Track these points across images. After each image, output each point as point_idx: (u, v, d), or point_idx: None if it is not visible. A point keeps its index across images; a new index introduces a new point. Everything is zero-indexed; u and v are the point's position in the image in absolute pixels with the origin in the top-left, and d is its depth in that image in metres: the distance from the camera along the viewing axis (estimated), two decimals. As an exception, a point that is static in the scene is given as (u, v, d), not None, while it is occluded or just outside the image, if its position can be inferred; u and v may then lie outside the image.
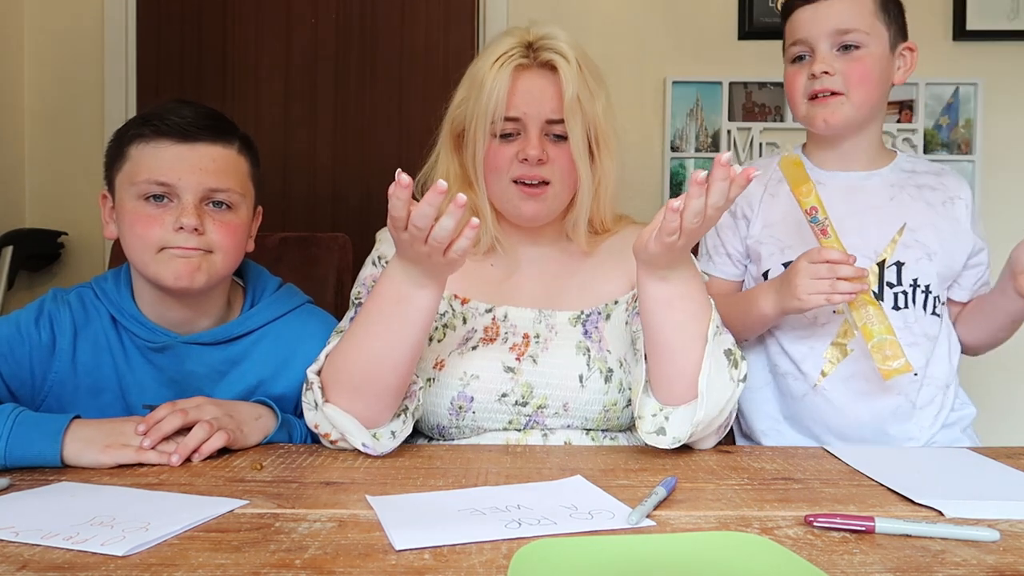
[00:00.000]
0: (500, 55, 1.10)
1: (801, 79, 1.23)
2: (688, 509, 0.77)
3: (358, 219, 2.44)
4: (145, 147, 1.05)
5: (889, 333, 1.08)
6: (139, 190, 1.04)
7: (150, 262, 1.05)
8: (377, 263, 1.19)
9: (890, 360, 1.08)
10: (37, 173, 2.46)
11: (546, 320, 1.14)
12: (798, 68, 1.24)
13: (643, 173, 2.43)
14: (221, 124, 1.09)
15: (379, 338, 0.96)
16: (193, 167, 1.04)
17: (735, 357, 1.00)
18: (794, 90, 1.25)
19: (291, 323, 1.17)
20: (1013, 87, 2.38)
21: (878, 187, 1.27)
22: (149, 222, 1.04)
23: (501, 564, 0.62)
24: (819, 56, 1.20)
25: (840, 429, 1.24)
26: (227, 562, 0.63)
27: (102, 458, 0.92)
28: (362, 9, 2.49)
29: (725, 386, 0.98)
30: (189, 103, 1.08)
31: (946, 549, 0.67)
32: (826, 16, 1.20)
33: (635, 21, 2.41)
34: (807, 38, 1.21)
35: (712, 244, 1.37)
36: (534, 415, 1.10)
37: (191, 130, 1.05)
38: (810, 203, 1.11)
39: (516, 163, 1.10)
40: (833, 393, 1.23)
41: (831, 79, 1.20)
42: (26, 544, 0.66)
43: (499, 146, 1.11)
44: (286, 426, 1.08)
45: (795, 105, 1.27)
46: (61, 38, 2.45)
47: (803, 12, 1.22)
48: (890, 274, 1.23)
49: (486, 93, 1.09)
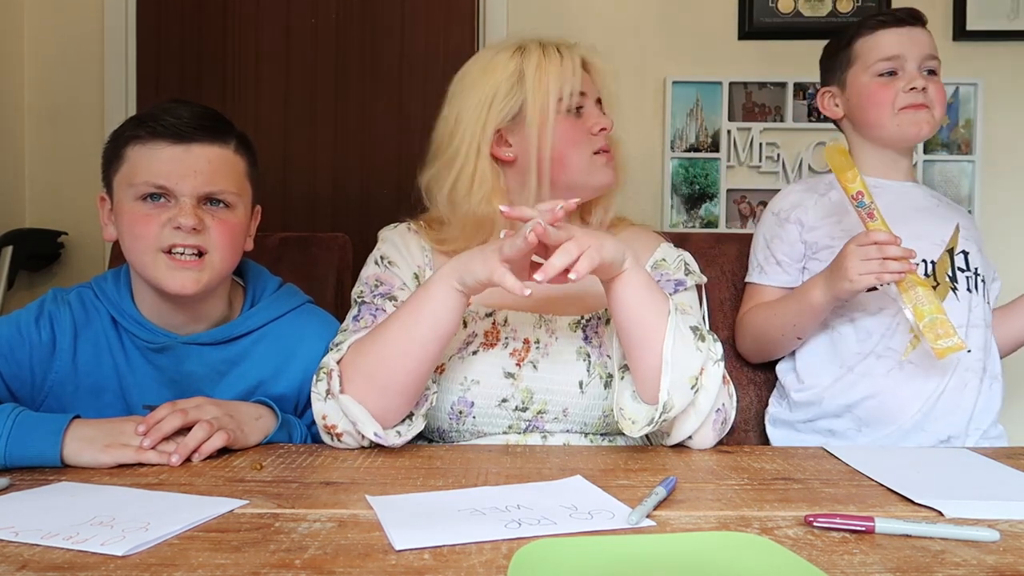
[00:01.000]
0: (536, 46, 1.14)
1: (892, 92, 1.31)
2: (688, 509, 0.77)
3: (358, 219, 2.44)
4: (141, 149, 1.05)
5: (940, 312, 1.12)
6: (136, 191, 1.05)
7: (149, 264, 1.05)
8: (380, 263, 1.19)
9: (942, 339, 1.11)
10: (37, 173, 2.46)
11: (546, 325, 1.14)
12: (887, 82, 1.32)
13: (643, 173, 2.43)
14: (217, 124, 1.09)
15: (414, 340, 0.98)
16: (189, 169, 1.04)
17: (701, 332, 1.01)
18: (884, 101, 1.32)
19: (291, 323, 1.16)
20: (1013, 87, 2.37)
21: (921, 195, 1.38)
22: (147, 222, 1.04)
23: (501, 564, 0.62)
24: (913, 73, 1.31)
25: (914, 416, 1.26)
26: (227, 562, 0.62)
27: (102, 458, 0.92)
28: (362, 9, 2.49)
29: (692, 355, 0.99)
30: (186, 103, 1.08)
31: (946, 549, 0.67)
32: (918, 40, 1.33)
33: (635, 21, 2.41)
34: (901, 55, 1.32)
35: (763, 256, 1.41)
36: (534, 420, 1.10)
37: (187, 131, 1.05)
38: (856, 188, 1.16)
39: (593, 137, 1.14)
40: (917, 369, 1.25)
41: (925, 95, 1.29)
42: (26, 544, 0.66)
43: (574, 120, 1.14)
44: (286, 426, 1.08)
45: (882, 116, 1.33)
46: (61, 38, 2.45)
47: (894, 33, 1.33)
48: (959, 260, 1.31)
49: (555, 71, 1.11)
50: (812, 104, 2.40)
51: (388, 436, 0.99)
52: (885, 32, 1.32)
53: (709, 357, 1.00)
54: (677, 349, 0.98)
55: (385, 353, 0.99)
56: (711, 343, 1.02)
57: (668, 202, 2.44)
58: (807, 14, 2.39)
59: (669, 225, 2.44)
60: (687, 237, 1.57)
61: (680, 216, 2.45)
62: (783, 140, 2.41)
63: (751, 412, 1.47)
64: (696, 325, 1.02)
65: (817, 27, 2.35)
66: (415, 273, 1.18)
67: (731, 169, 2.43)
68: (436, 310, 0.99)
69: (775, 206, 1.43)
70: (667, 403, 0.97)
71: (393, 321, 1.02)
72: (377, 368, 0.99)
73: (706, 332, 1.03)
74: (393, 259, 1.18)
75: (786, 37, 2.38)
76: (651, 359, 0.99)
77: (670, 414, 0.98)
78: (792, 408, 1.37)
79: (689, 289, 1.16)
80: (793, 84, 2.37)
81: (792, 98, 2.39)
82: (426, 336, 0.99)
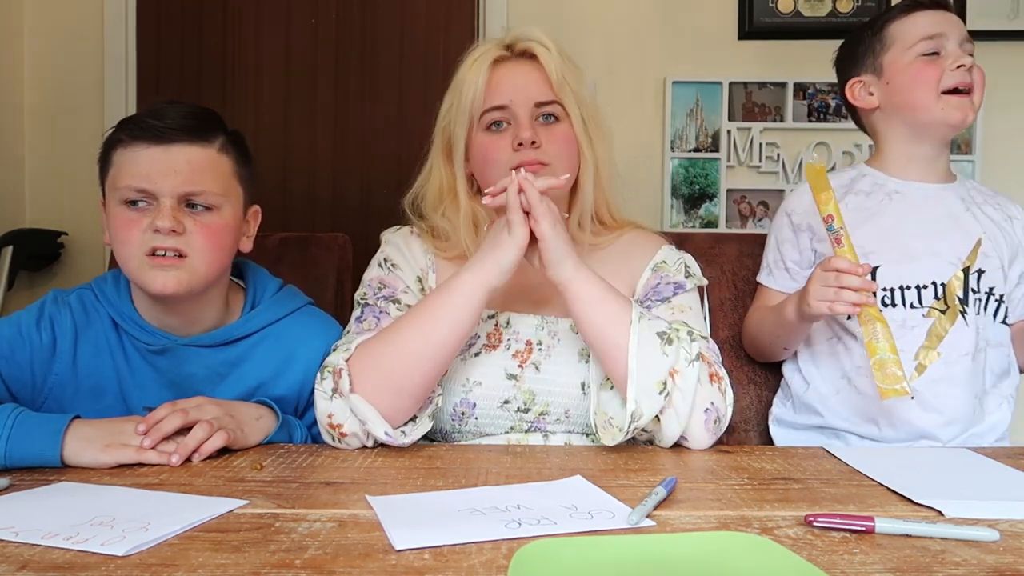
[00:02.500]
0: (477, 56, 1.14)
1: (938, 71, 1.25)
2: (688, 509, 0.77)
3: (358, 219, 2.44)
4: (124, 152, 1.05)
5: (893, 352, 1.08)
6: (121, 195, 1.04)
7: (135, 269, 1.04)
8: (383, 265, 1.19)
9: (890, 380, 1.08)
10: (37, 173, 2.46)
11: (548, 327, 1.14)
12: (931, 61, 1.26)
13: (643, 173, 2.43)
14: (201, 123, 1.07)
15: (434, 342, 1.00)
16: (167, 169, 1.03)
17: (669, 336, 1.01)
18: (930, 80, 1.26)
19: (292, 325, 1.16)
20: (1013, 87, 2.38)
21: (953, 199, 1.31)
22: (130, 226, 1.03)
23: (501, 564, 0.62)
24: (957, 52, 1.25)
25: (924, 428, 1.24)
26: (227, 562, 0.62)
27: (102, 458, 0.92)
28: (362, 9, 2.49)
29: (657, 361, 0.99)
30: (176, 104, 1.07)
31: (946, 549, 0.67)
32: (956, 22, 1.28)
33: (635, 21, 2.41)
34: (944, 33, 1.26)
35: (773, 259, 1.39)
36: (536, 421, 1.10)
37: (166, 132, 1.03)
38: (828, 211, 1.12)
39: (511, 152, 1.10)
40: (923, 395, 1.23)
41: (970, 73, 1.25)
42: (26, 544, 0.66)
43: (491, 138, 1.12)
44: (286, 426, 1.08)
45: (928, 97, 1.26)
46: (61, 38, 2.45)
47: (931, 15, 1.28)
48: (972, 281, 1.26)
49: (466, 87, 1.12)
50: (812, 104, 2.40)
51: (396, 436, 0.99)
52: (922, 13, 1.28)
53: (681, 358, 1.00)
54: (642, 357, 0.98)
55: (401, 354, 1.00)
56: (683, 344, 1.00)
57: (668, 202, 2.44)
58: (807, 14, 2.39)
59: (669, 225, 2.44)
60: (687, 237, 1.56)
61: (680, 216, 2.45)
62: (783, 140, 2.41)
63: (752, 412, 1.46)
64: (664, 330, 1.01)
65: (817, 27, 2.35)
66: (418, 276, 1.18)
67: (731, 169, 2.44)
68: (460, 310, 1.00)
69: (788, 206, 1.39)
70: (635, 411, 0.97)
71: (411, 322, 1.02)
72: (392, 369, 0.99)
73: (678, 335, 1.01)
74: (396, 262, 1.18)
75: (786, 37, 2.38)
76: (619, 370, 1.00)
77: (640, 422, 0.98)
78: (796, 410, 1.36)
79: (689, 291, 1.16)
80: (793, 84, 2.38)
81: (792, 98, 2.40)
82: (447, 338, 1.00)
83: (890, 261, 1.25)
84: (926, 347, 1.23)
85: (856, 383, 1.28)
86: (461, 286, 1.01)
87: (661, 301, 1.13)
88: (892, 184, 1.31)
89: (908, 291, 1.25)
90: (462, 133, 1.14)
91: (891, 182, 1.31)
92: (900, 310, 1.25)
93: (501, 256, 1.00)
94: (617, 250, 1.20)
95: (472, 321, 1.02)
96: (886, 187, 1.31)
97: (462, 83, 1.13)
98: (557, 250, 1.00)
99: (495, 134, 1.12)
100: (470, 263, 1.03)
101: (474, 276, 1.01)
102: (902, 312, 1.24)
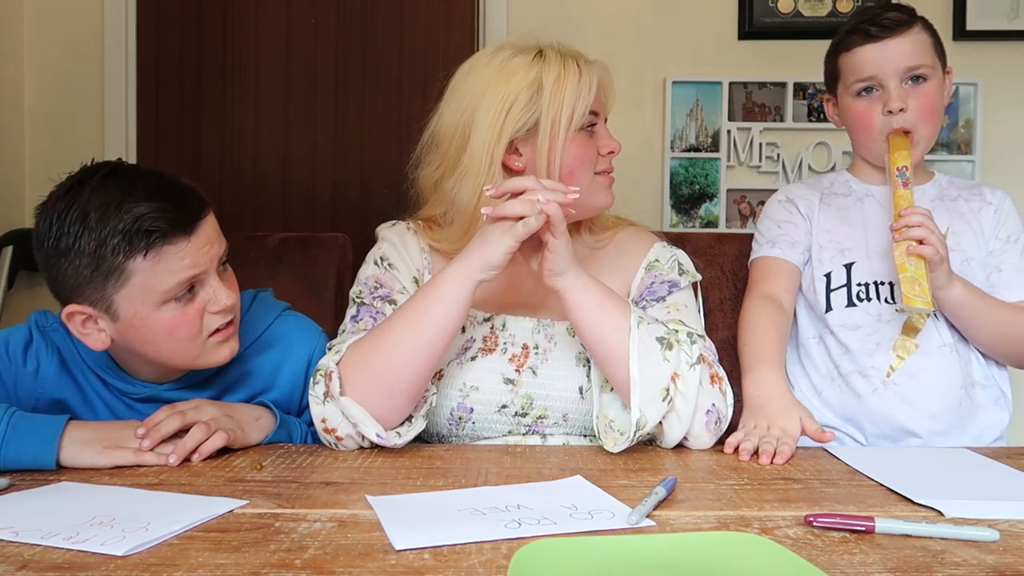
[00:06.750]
0: (556, 56, 1.10)
1: (876, 115, 1.26)
2: (688, 509, 0.77)
3: (358, 219, 2.44)
4: (155, 255, 0.95)
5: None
6: (164, 296, 0.96)
7: (192, 354, 1.01)
8: (380, 263, 1.18)
9: (917, 293, 1.10)
10: (37, 173, 2.46)
11: (545, 330, 1.14)
12: (869, 102, 1.27)
13: (643, 173, 2.43)
14: (184, 205, 0.98)
15: (423, 338, 0.99)
16: (200, 246, 0.98)
17: (669, 340, 1.01)
18: (869, 126, 1.28)
19: (273, 336, 1.14)
20: (1013, 87, 2.38)
21: (924, 198, 1.32)
22: (186, 320, 0.98)
23: (501, 564, 0.62)
24: (893, 94, 1.24)
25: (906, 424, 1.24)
26: (227, 562, 0.63)
27: (100, 460, 0.92)
28: (362, 9, 2.49)
29: (659, 367, 0.99)
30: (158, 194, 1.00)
31: (946, 549, 0.67)
32: (896, 53, 1.24)
33: (635, 21, 2.41)
34: (876, 75, 1.25)
35: (775, 234, 1.37)
36: (534, 425, 1.10)
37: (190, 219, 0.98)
38: (904, 163, 1.20)
39: (600, 157, 1.13)
40: (905, 388, 1.24)
41: (906, 116, 1.24)
42: (26, 544, 0.66)
43: (586, 139, 1.12)
44: (285, 426, 1.08)
45: (870, 140, 1.29)
46: (61, 38, 2.45)
47: (871, 50, 1.26)
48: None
49: (573, 86, 1.08)
50: (812, 104, 2.40)
51: (389, 437, 0.99)
52: (861, 50, 1.26)
53: (682, 363, 1.00)
54: (643, 364, 0.98)
55: (391, 352, 0.99)
56: (684, 348, 1.01)
57: (668, 202, 2.44)
58: (807, 14, 2.39)
59: (669, 225, 2.44)
60: (687, 237, 1.56)
61: (680, 216, 2.45)
62: (783, 140, 2.41)
63: (751, 412, 1.46)
64: (663, 335, 1.01)
65: (817, 27, 2.35)
66: (414, 277, 1.17)
67: (731, 169, 2.44)
68: (448, 305, 1.00)
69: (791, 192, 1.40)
70: (640, 419, 0.97)
71: (399, 321, 1.01)
72: (382, 369, 0.99)
73: (678, 338, 1.01)
74: (393, 261, 1.17)
75: (786, 37, 2.38)
76: (620, 375, 1.00)
77: (645, 429, 0.98)
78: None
79: (684, 289, 1.16)
80: (793, 84, 2.38)
81: (792, 98, 2.40)
82: (435, 334, 1.00)
83: (863, 258, 1.30)
84: (903, 339, 1.26)
85: (838, 383, 1.29)
86: (448, 278, 1.01)
87: (656, 301, 1.13)
88: (864, 188, 1.36)
89: (882, 286, 1.28)
90: (561, 131, 1.08)
91: (863, 187, 1.36)
92: (876, 304, 1.28)
93: (489, 252, 0.99)
94: (611, 251, 1.20)
95: (460, 315, 1.01)
96: (858, 192, 1.36)
97: (562, 80, 1.08)
98: (564, 260, 1.01)
99: (588, 136, 1.13)
100: (457, 258, 1.02)
101: (459, 269, 1.00)
102: (877, 307, 1.27)
